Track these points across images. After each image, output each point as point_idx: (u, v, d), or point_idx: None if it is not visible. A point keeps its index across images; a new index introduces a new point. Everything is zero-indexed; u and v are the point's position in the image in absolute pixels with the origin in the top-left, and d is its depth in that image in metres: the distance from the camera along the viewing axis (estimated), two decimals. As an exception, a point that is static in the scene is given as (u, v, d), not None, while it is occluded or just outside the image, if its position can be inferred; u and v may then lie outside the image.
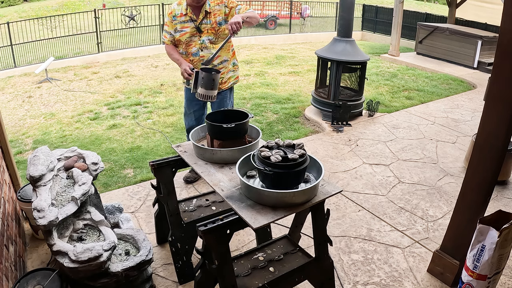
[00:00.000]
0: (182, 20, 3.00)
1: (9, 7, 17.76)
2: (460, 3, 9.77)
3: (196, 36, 3.01)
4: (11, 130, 5.20)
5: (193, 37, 3.02)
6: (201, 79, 2.68)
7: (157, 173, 2.26)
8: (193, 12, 2.97)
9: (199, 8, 2.97)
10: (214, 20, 2.98)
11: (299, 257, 2.11)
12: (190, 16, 2.97)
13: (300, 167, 1.74)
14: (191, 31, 3.00)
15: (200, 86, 2.70)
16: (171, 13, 3.04)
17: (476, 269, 2.07)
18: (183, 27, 3.01)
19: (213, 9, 2.97)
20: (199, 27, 2.98)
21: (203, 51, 3.05)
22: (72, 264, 1.90)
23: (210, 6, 2.97)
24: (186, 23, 3.00)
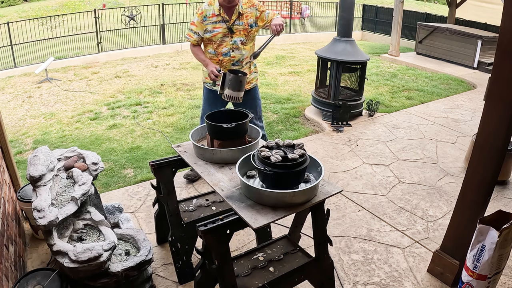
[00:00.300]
0: (214, 20, 3.00)
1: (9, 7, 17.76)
2: (460, 3, 9.77)
3: (228, 36, 3.04)
4: (11, 130, 5.20)
5: (224, 38, 3.04)
6: (229, 81, 2.73)
7: (157, 173, 2.26)
8: (225, 12, 3.00)
9: (232, 9, 3.00)
10: (246, 22, 3.04)
11: (299, 257, 2.11)
12: (222, 16, 2.99)
13: (300, 167, 1.74)
14: (223, 31, 3.02)
15: (227, 88, 2.75)
16: (202, 13, 3.02)
17: (476, 269, 2.07)
18: (214, 27, 3.02)
19: (245, 11, 3.03)
20: (231, 28, 3.01)
21: (234, 52, 3.08)
22: (72, 264, 1.90)
23: (243, 8, 3.02)
24: (218, 24, 3.01)
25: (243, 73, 2.83)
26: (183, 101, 6.16)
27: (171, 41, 10.97)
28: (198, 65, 8.78)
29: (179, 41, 11.11)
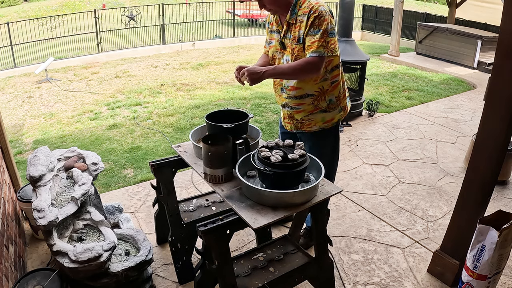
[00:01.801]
0: (272, 29, 2.31)
1: (9, 7, 17.75)
2: (460, 3, 9.77)
3: (279, 52, 2.25)
4: (11, 130, 5.20)
5: (277, 53, 2.27)
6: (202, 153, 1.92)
7: (157, 173, 2.26)
8: (280, 21, 2.22)
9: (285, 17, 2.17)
10: (294, 35, 2.13)
11: (299, 257, 2.11)
12: (276, 26, 2.25)
13: (300, 167, 1.74)
14: (276, 45, 2.27)
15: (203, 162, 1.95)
16: (268, 18, 2.39)
17: (476, 269, 2.07)
18: (271, 38, 2.32)
19: (296, 20, 2.12)
20: (283, 41, 2.21)
21: None
22: (72, 264, 1.90)
23: (297, 14, 2.10)
24: (273, 34, 2.29)
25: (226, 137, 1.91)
26: (183, 101, 6.16)
27: (171, 41, 10.98)
28: (198, 65, 8.78)
29: (179, 41, 11.11)
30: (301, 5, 2.09)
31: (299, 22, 2.10)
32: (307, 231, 2.70)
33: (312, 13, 2.03)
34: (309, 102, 2.23)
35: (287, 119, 2.38)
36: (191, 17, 12.13)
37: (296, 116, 2.30)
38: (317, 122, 2.29)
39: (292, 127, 2.37)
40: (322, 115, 2.28)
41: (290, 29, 2.14)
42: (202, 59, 9.44)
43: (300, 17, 2.09)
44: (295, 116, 2.31)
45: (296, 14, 2.10)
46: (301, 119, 2.30)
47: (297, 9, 2.10)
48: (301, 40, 2.09)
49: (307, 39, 2.06)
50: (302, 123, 2.31)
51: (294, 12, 2.11)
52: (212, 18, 12.39)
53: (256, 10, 13.98)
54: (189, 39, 11.44)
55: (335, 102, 2.28)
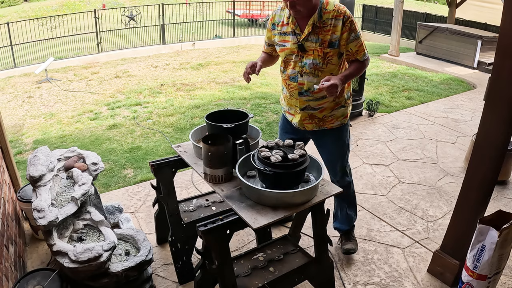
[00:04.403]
0: (283, 31, 2.21)
1: (9, 7, 17.75)
2: (460, 3, 9.77)
3: (296, 55, 2.18)
4: (11, 130, 5.20)
5: (292, 56, 2.20)
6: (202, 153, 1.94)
7: (157, 173, 2.26)
8: (297, 23, 2.15)
9: (307, 20, 2.11)
10: (324, 39, 2.09)
11: (299, 257, 2.11)
12: (292, 27, 2.16)
13: (300, 167, 1.74)
14: (292, 48, 2.18)
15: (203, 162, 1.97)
16: (272, 19, 2.29)
17: (476, 269, 2.07)
18: (282, 40, 2.22)
19: (325, 23, 2.09)
20: (302, 44, 2.13)
21: (303, 78, 2.20)
22: (72, 264, 1.90)
23: (322, 17, 2.09)
24: (287, 36, 2.20)
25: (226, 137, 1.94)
26: (183, 101, 6.16)
27: (171, 41, 10.98)
28: (198, 65, 8.78)
29: (179, 41, 11.11)
30: (326, 8, 2.08)
31: (329, 26, 2.07)
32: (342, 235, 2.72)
33: (347, 18, 2.08)
34: (331, 100, 2.25)
35: (307, 120, 2.33)
36: (191, 17, 12.13)
37: (318, 115, 2.30)
38: (338, 117, 2.34)
39: (314, 126, 2.35)
40: (342, 111, 2.34)
41: (315, 32, 2.10)
42: (202, 59, 9.44)
43: (329, 21, 2.08)
44: (316, 115, 2.30)
45: (322, 18, 2.08)
46: (324, 117, 2.31)
47: (322, 12, 2.08)
48: (336, 44, 2.10)
49: (352, 44, 2.12)
50: (324, 120, 2.32)
51: (320, 15, 2.08)
52: (212, 18, 12.39)
53: (256, 10, 13.98)
54: (189, 39, 11.44)
55: (349, 97, 2.39)
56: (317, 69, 2.15)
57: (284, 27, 2.21)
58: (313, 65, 2.15)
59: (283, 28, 2.21)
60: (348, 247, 2.60)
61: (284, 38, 2.21)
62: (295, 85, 2.25)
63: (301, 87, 2.23)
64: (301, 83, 2.22)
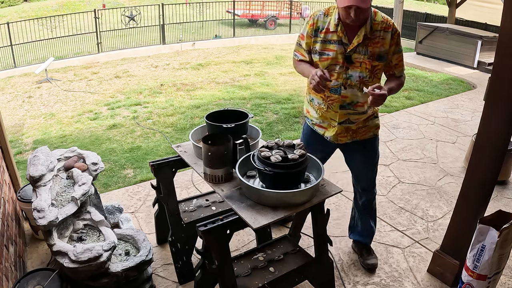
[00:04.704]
0: (328, 38, 2.04)
1: (9, 7, 17.75)
2: (460, 3, 9.77)
3: (341, 66, 2.04)
4: (11, 130, 5.20)
5: (336, 67, 2.05)
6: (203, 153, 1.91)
7: (157, 173, 2.26)
8: (345, 31, 2.01)
9: (357, 28, 1.98)
10: (373, 51, 2.01)
11: (299, 257, 2.11)
12: (340, 36, 2.01)
13: (300, 167, 1.74)
14: (336, 57, 2.03)
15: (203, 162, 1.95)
16: (313, 24, 2.08)
17: (476, 269, 2.07)
18: (326, 48, 2.05)
19: (374, 35, 2.00)
20: (349, 56, 2.01)
21: (346, 90, 2.07)
22: (72, 264, 1.90)
23: (372, 29, 1.99)
24: (332, 45, 2.03)
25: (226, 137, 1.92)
26: (183, 101, 6.16)
27: (171, 41, 10.98)
28: (198, 65, 8.79)
29: (179, 41, 11.11)
30: (375, 19, 2.00)
31: (378, 38, 2.00)
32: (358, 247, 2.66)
33: (395, 31, 2.02)
34: (369, 113, 2.21)
35: (343, 133, 2.21)
36: (191, 17, 12.13)
37: (353, 127, 2.20)
38: (371, 128, 2.26)
39: (347, 138, 2.24)
40: (375, 121, 2.27)
41: (365, 44, 1.99)
42: (202, 59, 9.44)
43: (378, 33, 1.99)
44: (351, 128, 2.20)
45: (372, 29, 1.99)
46: (357, 128, 2.22)
47: (372, 23, 1.99)
48: (384, 58, 2.03)
49: (394, 57, 2.06)
50: (357, 132, 2.22)
51: (371, 26, 1.98)
52: (212, 18, 12.39)
53: (256, 10, 13.98)
54: (189, 39, 11.44)
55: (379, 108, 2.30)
56: (363, 82, 2.03)
57: (328, 35, 2.04)
58: (360, 78, 2.03)
59: (328, 36, 2.04)
60: (373, 262, 2.53)
61: (328, 46, 2.05)
62: (337, 98, 2.10)
63: (344, 100, 2.09)
64: (344, 96, 2.08)
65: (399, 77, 2.13)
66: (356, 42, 1.98)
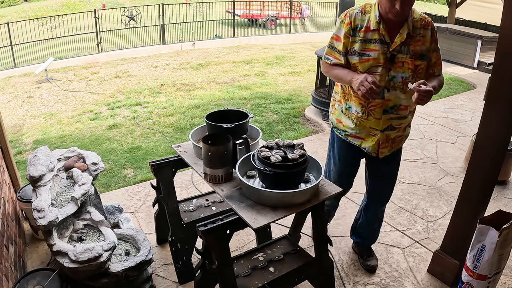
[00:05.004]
0: (368, 38, 1.90)
1: (9, 7, 17.75)
2: (460, 3, 9.77)
3: (383, 68, 1.90)
4: (11, 130, 5.20)
5: (378, 68, 1.91)
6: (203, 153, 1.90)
7: (157, 173, 2.26)
8: (387, 29, 1.88)
9: (398, 26, 1.87)
10: (414, 50, 1.91)
11: (299, 257, 2.11)
12: (382, 34, 1.88)
13: (300, 167, 1.74)
14: (378, 58, 1.89)
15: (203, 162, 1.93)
16: (351, 23, 1.92)
17: (476, 269, 2.07)
18: (366, 49, 1.91)
19: (415, 32, 1.91)
20: (393, 55, 1.90)
21: (389, 93, 1.94)
22: (72, 264, 1.90)
23: (414, 26, 1.90)
24: (372, 44, 1.90)
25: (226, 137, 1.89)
26: (183, 101, 6.16)
27: (171, 41, 10.98)
28: (198, 65, 8.79)
29: (179, 41, 11.11)
30: (413, 16, 1.90)
31: (419, 36, 1.90)
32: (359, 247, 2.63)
33: (434, 28, 1.93)
34: (409, 119, 2.10)
35: (385, 143, 2.07)
36: (191, 17, 12.13)
37: (392, 135, 2.07)
38: (405, 137, 2.17)
39: (388, 149, 2.11)
40: (408, 130, 2.17)
41: (407, 43, 1.89)
42: (202, 59, 9.44)
43: (418, 30, 1.91)
44: (391, 136, 2.07)
45: (413, 27, 1.89)
46: (395, 137, 2.09)
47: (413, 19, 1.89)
48: (426, 57, 1.94)
49: (434, 56, 1.97)
50: (395, 141, 2.10)
51: (412, 23, 1.88)
52: (212, 18, 12.39)
53: (256, 10, 13.99)
54: (189, 39, 11.44)
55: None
56: (406, 83, 1.89)
57: (369, 33, 1.90)
58: (402, 79, 1.91)
59: (368, 35, 1.90)
60: (373, 264, 2.52)
61: (368, 46, 1.90)
62: (380, 102, 1.95)
63: (387, 104, 1.96)
64: (387, 99, 1.94)
65: (439, 76, 2.02)
66: (399, 40, 1.87)
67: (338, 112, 2.16)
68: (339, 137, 2.20)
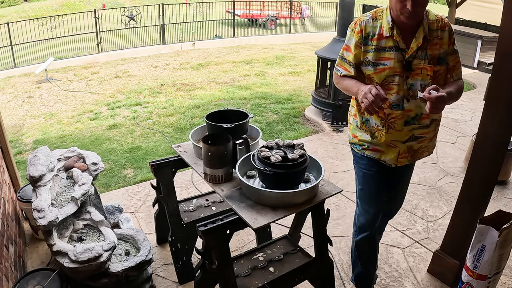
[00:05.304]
0: (382, 45, 1.78)
1: (9, 7, 17.75)
2: (460, 3, 9.77)
3: (400, 76, 1.77)
4: (11, 130, 5.20)
5: (395, 77, 1.78)
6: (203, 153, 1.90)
7: (157, 173, 2.26)
8: (401, 35, 1.75)
9: (413, 30, 1.75)
10: (432, 54, 1.77)
11: (299, 257, 2.11)
12: (396, 41, 1.75)
13: (300, 167, 1.74)
14: (395, 66, 1.77)
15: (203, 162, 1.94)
16: (361, 31, 1.81)
17: (476, 269, 2.07)
18: (381, 57, 1.78)
19: (432, 35, 1.77)
20: (410, 62, 1.76)
21: (409, 103, 1.80)
22: (72, 264, 1.90)
23: (430, 28, 1.76)
24: (387, 53, 1.77)
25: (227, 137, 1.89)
26: (183, 101, 6.16)
27: (171, 41, 10.98)
28: (198, 65, 8.79)
29: (179, 41, 11.12)
30: (429, 18, 1.77)
31: (436, 38, 1.76)
32: None
33: (451, 29, 1.79)
34: (432, 128, 1.92)
35: (404, 153, 1.91)
36: (191, 17, 12.13)
37: (415, 147, 1.91)
38: (429, 148, 1.99)
39: (408, 159, 1.95)
40: (434, 141, 2.00)
41: (424, 47, 1.76)
42: (202, 59, 9.44)
43: (435, 33, 1.76)
44: (413, 147, 1.91)
45: (429, 29, 1.75)
46: (419, 149, 1.93)
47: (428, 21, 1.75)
48: (444, 61, 1.80)
49: (452, 58, 1.82)
50: (417, 151, 1.94)
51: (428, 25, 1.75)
52: (212, 18, 12.39)
53: (256, 10, 13.99)
54: (189, 39, 11.44)
55: None
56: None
57: (382, 41, 1.77)
58: (421, 86, 1.77)
59: (381, 42, 1.77)
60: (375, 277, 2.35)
61: (383, 55, 1.77)
62: (400, 114, 1.81)
63: (408, 115, 1.82)
64: (408, 110, 1.80)
65: (457, 81, 1.85)
66: (416, 45, 1.74)
67: (353, 126, 2.00)
68: (356, 153, 2.03)
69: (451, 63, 1.83)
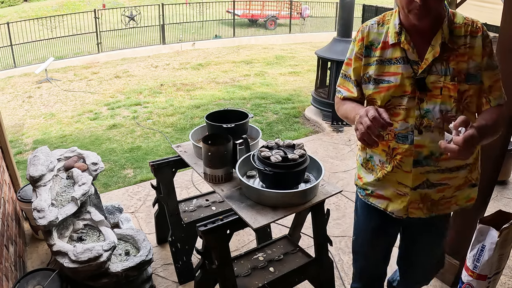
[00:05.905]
0: (387, 57, 1.37)
1: (9, 7, 17.75)
2: (460, 3, 9.76)
3: (411, 98, 1.34)
4: (11, 130, 5.20)
5: (403, 99, 1.35)
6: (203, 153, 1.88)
7: (157, 173, 2.26)
8: (412, 41, 1.33)
9: (429, 36, 1.31)
10: (458, 68, 1.30)
11: (299, 257, 2.11)
12: (404, 49, 1.33)
13: (300, 167, 1.74)
14: (402, 84, 1.34)
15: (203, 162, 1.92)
16: (363, 39, 1.43)
17: (476, 269, 2.07)
18: (384, 73, 1.38)
19: (457, 43, 1.30)
20: (423, 79, 1.32)
21: (422, 135, 1.35)
22: (72, 264, 1.90)
23: (454, 34, 1.31)
24: (393, 65, 1.36)
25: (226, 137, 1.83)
26: (183, 101, 6.16)
27: (171, 41, 10.99)
28: (198, 65, 8.79)
29: (179, 41, 11.12)
30: (454, 21, 1.32)
31: (463, 47, 1.29)
32: None
33: (487, 35, 1.32)
34: (463, 175, 1.43)
35: (416, 203, 1.45)
36: (191, 17, 12.14)
37: (434, 196, 1.43)
38: (459, 200, 1.49)
39: (422, 212, 1.47)
40: (469, 191, 1.50)
41: (443, 58, 1.30)
42: (202, 59, 9.45)
43: (462, 39, 1.30)
44: (431, 196, 1.43)
45: (453, 33, 1.30)
46: (441, 198, 1.45)
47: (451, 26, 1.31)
48: (476, 78, 1.31)
49: (487, 75, 1.33)
50: (439, 203, 1.46)
51: (451, 29, 1.30)
52: (212, 18, 12.40)
53: (256, 10, 13.99)
54: (189, 39, 11.45)
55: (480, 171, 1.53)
56: (448, 120, 1.28)
57: (387, 51, 1.37)
58: (441, 113, 1.31)
59: (386, 53, 1.37)
60: None
61: (388, 69, 1.36)
62: (408, 149, 1.36)
63: (419, 153, 1.36)
64: (419, 145, 1.35)
65: (497, 108, 1.34)
66: (431, 56, 1.29)
67: (358, 165, 1.63)
68: (360, 198, 1.69)
69: (486, 82, 1.33)
